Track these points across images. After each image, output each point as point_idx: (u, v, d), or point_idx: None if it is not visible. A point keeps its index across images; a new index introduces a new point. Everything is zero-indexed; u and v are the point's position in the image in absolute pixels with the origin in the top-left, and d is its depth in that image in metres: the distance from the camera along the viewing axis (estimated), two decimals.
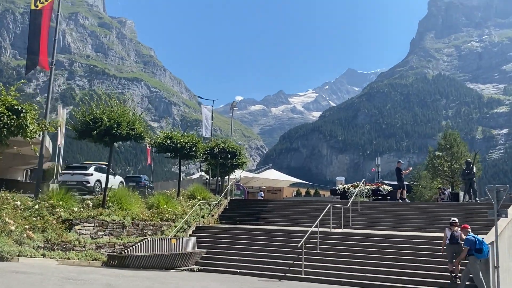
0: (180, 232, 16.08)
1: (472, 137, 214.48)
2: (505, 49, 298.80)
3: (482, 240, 10.79)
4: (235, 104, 38.94)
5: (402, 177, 19.46)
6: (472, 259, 10.71)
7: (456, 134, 32.23)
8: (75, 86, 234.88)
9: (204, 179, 30.21)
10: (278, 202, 21.33)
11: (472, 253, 10.65)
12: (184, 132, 20.62)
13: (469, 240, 10.84)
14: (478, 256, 10.60)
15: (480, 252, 10.57)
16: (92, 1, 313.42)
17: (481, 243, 10.67)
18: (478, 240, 10.75)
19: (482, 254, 10.59)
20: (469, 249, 10.72)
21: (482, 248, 10.59)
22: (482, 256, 10.63)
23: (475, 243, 10.70)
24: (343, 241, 14.49)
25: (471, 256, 10.69)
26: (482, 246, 10.60)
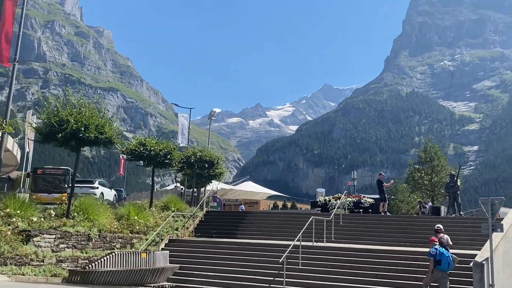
0: (151, 246, 14.94)
1: (444, 153, 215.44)
2: (476, 69, 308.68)
3: (443, 251, 10.57)
4: (214, 114, 37.99)
5: (384, 189, 18.85)
6: (434, 271, 10.54)
7: (437, 147, 32.11)
8: (49, 95, 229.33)
9: (179, 190, 29.04)
10: (257, 214, 20.37)
11: (434, 265, 10.51)
12: (158, 139, 19.50)
13: (430, 252, 10.67)
14: (438, 268, 10.41)
15: (439, 264, 10.39)
16: (69, 10, 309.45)
17: (441, 255, 10.45)
18: (439, 252, 10.53)
19: (441, 266, 10.38)
20: (433, 260, 10.54)
21: (441, 260, 10.40)
22: (441, 269, 10.42)
23: (436, 255, 10.51)
24: (326, 256, 13.65)
25: (434, 268, 10.53)
26: (441, 258, 10.40)
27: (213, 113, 38.23)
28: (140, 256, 12.39)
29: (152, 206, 18.77)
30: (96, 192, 21.37)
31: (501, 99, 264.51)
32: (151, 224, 16.06)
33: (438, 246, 10.76)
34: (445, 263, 10.44)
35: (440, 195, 29.60)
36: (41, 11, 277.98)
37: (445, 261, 10.45)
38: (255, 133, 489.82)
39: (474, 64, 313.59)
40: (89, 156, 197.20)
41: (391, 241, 15.32)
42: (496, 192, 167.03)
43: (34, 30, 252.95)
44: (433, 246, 10.84)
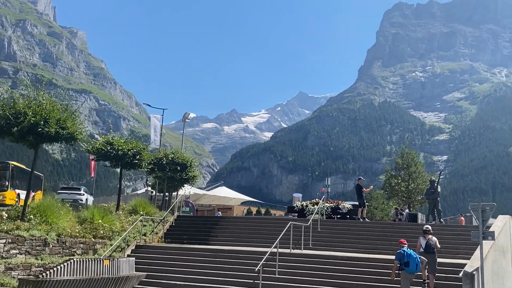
0: (116, 252, 13.78)
1: None
2: (446, 80, 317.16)
3: (410, 253, 10.31)
4: (188, 116, 36.90)
5: (363, 195, 18.22)
6: (401, 274, 10.30)
7: (414, 154, 31.94)
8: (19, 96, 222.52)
9: (150, 193, 27.80)
10: (232, 220, 19.40)
11: (402, 267, 10.26)
12: (127, 138, 18.32)
13: (398, 253, 10.45)
14: (406, 270, 10.17)
15: (408, 266, 10.15)
16: (42, 9, 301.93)
17: (408, 256, 10.21)
18: (407, 253, 10.29)
19: (409, 268, 10.13)
20: (399, 263, 10.30)
21: (408, 261, 10.15)
22: (410, 271, 10.18)
23: (403, 257, 10.26)
24: (305, 264, 12.84)
25: (401, 271, 10.29)
26: (409, 260, 10.16)
27: (187, 115, 37.17)
28: (102, 263, 11.25)
29: (119, 210, 17.57)
30: (82, 198, 23.95)
31: (469, 110, 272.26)
32: (117, 229, 14.89)
33: (406, 248, 10.51)
34: (413, 264, 10.17)
35: (416, 202, 29.39)
36: (12, 9, 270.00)
37: (413, 263, 10.17)
38: (230, 139, 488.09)
39: (445, 76, 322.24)
40: (59, 159, 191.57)
41: (371, 248, 14.69)
42: (464, 201, 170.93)
43: (4, 28, 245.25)
44: (401, 248, 10.57)
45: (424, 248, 11.07)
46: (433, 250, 10.92)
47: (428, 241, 11.03)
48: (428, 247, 10.96)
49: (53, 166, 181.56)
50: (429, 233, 11.30)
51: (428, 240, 11.05)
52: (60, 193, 25.11)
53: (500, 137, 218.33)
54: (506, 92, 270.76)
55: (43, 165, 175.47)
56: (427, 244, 11.01)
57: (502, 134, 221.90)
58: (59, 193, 25.47)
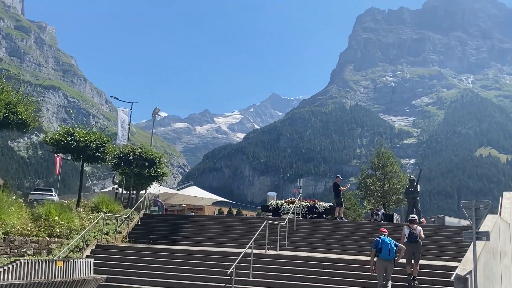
0: (74, 252, 12.49)
1: None
2: (415, 85, 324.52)
3: (384, 239, 10.24)
4: (158, 111, 35.51)
5: (340, 193, 17.48)
6: (376, 261, 10.23)
7: (389, 153, 31.64)
8: None
9: (115, 190, 26.36)
10: (202, 219, 18.26)
11: (377, 254, 10.19)
12: (90, 129, 16.93)
13: (374, 241, 10.48)
14: (380, 256, 10.11)
15: (380, 252, 10.13)
16: (10, 2, 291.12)
17: (382, 243, 10.17)
18: (381, 240, 10.26)
19: (382, 254, 10.09)
20: (375, 251, 10.23)
21: (381, 247, 10.11)
22: (382, 257, 10.09)
23: (378, 243, 10.25)
24: (281, 266, 11.91)
25: (377, 258, 10.20)
26: (382, 246, 10.12)
27: (157, 111, 35.75)
28: (54, 265, 9.97)
29: (79, 206, 16.18)
30: (54, 199, 24.29)
31: (437, 115, 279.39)
32: (75, 227, 13.57)
33: (384, 236, 10.38)
34: (386, 250, 10.04)
35: (392, 202, 29.07)
36: None
37: (386, 249, 10.05)
38: (202, 139, 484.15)
39: (414, 81, 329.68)
40: (25, 156, 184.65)
41: (349, 249, 13.93)
42: (431, 203, 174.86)
43: None
44: (380, 236, 10.46)
45: (407, 237, 10.73)
46: (415, 239, 10.62)
47: (411, 230, 10.73)
48: (411, 236, 10.65)
49: (19, 164, 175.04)
50: (414, 222, 11.00)
51: (412, 229, 10.75)
52: (34, 194, 27.02)
53: (466, 142, 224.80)
54: (472, 98, 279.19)
55: (7, 163, 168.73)
56: (410, 233, 10.71)
57: (467, 138, 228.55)
58: (32, 193, 27.48)
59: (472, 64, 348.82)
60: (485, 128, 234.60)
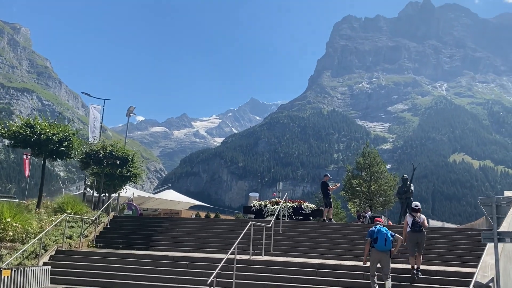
0: (29, 259, 10.82)
1: None
2: (390, 92, 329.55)
3: (380, 229, 9.53)
4: (133, 110, 33.76)
5: (329, 193, 16.26)
6: (371, 252, 9.50)
7: (376, 153, 30.65)
8: None
9: (84, 191, 24.52)
10: (178, 221, 16.67)
11: (372, 245, 9.49)
12: (54, 120, 15.20)
13: (369, 230, 9.75)
14: (375, 247, 9.42)
15: (376, 242, 9.44)
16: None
17: (378, 232, 9.47)
18: (377, 229, 9.54)
19: (377, 244, 9.38)
20: (370, 240, 9.51)
21: (377, 237, 9.42)
22: (378, 247, 9.37)
23: (373, 233, 9.53)
24: (268, 274, 10.53)
25: (372, 249, 9.48)
26: (377, 236, 9.43)
27: (132, 109, 34.00)
28: (0, 275, 8.35)
29: (40, 207, 14.44)
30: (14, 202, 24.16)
31: (412, 121, 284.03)
32: (33, 230, 11.88)
33: (380, 225, 9.67)
34: (381, 240, 9.32)
35: (378, 204, 28.07)
36: None
37: (381, 239, 9.33)
38: (179, 144, 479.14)
39: (390, 88, 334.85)
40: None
41: (341, 253, 12.67)
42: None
43: None
44: (375, 225, 9.77)
45: (410, 226, 9.92)
46: (419, 228, 9.85)
47: (415, 219, 9.95)
48: (415, 225, 9.87)
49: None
50: (418, 211, 10.18)
51: (415, 218, 9.97)
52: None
53: (440, 148, 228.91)
54: (446, 105, 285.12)
55: None
56: (414, 222, 9.92)
57: (441, 144, 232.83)
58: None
59: (446, 72, 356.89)
60: (459, 135, 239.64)
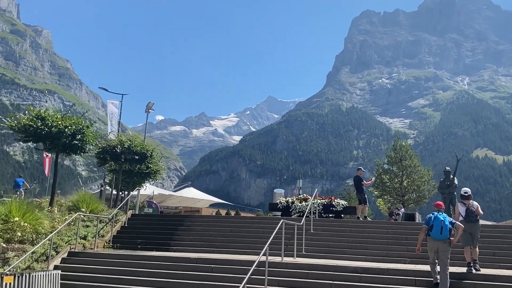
0: (39, 262, 9.83)
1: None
2: (411, 87, 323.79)
3: (437, 215, 8.53)
4: (152, 106, 33.02)
5: (363, 189, 14.91)
6: (427, 241, 8.65)
7: (408, 146, 28.95)
8: None
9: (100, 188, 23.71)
10: (200, 219, 15.53)
11: (428, 233, 8.62)
12: (66, 112, 14.24)
13: (426, 217, 8.90)
14: (431, 235, 8.51)
15: (431, 230, 8.54)
16: (5, 6, 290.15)
17: (434, 219, 8.52)
18: (434, 216, 8.60)
19: (432, 232, 8.49)
20: (426, 227, 8.62)
21: (433, 225, 8.50)
22: (434, 236, 8.46)
23: (430, 220, 8.62)
24: (304, 279, 9.27)
25: (428, 237, 8.63)
26: (433, 223, 8.50)
27: (151, 105, 33.30)
28: (1, 282, 7.35)
29: (53, 205, 13.49)
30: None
31: (433, 117, 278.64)
32: (44, 230, 10.90)
33: (438, 212, 8.68)
34: (437, 228, 8.36)
35: (411, 200, 26.45)
36: None
37: (437, 227, 8.37)
38: (198, 142, 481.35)
39: (410, 83, 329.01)
40: (21, 161, 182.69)
41: (382, 254, 11.37)
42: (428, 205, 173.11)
43: None
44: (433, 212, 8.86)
45: (464, 216, 9.03)
46: (475, 218, 9.00)
47: (468, 207, 9.05)
48: (469, 215, 8.99)
49: (14, 168, 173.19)
50: (469, 198, 9.28)
51: (469, 206, 9.07)
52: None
53: (462, 143, 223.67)
54: (468, 100, 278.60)
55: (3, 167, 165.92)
56: (468, 211, 9.03)
57: (464, 140, 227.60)
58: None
59: (468, 65, 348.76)
60: (481, 130, 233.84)
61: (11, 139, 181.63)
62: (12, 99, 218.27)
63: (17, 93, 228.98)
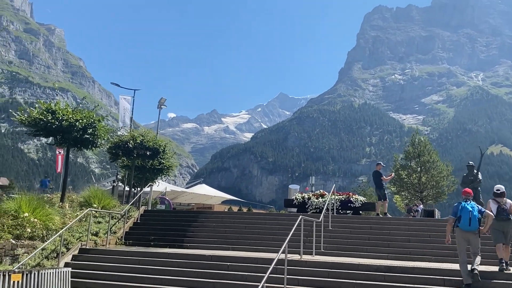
0: (49, 259, 9.52)
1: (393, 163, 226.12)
2: (424, 83, 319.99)
3: (465, 205, 8.12)
4: (164, 101, 32.81)
5: (383, 184, 14.36)
6: (455, 233, 8.27)
7: (426, 140, 28.15)
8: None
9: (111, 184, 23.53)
10: (215, 215, 15.11)
11: (456, 224, 8.24)
12: (77, 106, 13.93)
13: (453, 207, 8.46)
14: (459, 227, 8.12)
15: (459, 221, 8.14)
16: (19, 5, 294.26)
17: (462, 210, 8.10)
18: (461, 206, 8.17)
19: (461, 223, 8.08)
20: (454, 219, 8.26)
21: (460, 216, 8.09)
22: (462, 227, 8.06)
23: (457, 210, 8.23)
24: (323, 278, 8.79)
25: (456, 228, 8.25)
26: (461, 214, 8.09)
27: (163, 101, 33.10)
28: (9, 280, 7.02)
29: (64, 201, 13.21)
30: None
31: (447, 113, 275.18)
32: (55, 226, 10.58)
33: (466, 201, 8.26)
34: (465, 219, 7.97)
35: (429, 196, 25.72)
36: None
37: (465, 217, 7.98)
38: (210, 140, 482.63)
39: (423, 79, 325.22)
40: (35, 158, 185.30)
41: (404, 252, 10.85)
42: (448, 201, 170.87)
43: None
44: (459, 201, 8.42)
45: (496, 214, 8.52)
46: (507, 216, 8.50)
47: (500, 205, 8.60)
48: (501, 213, 8.52)
49: (29, 166, 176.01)
50: (502, 195, 8.74)
51: (501, 204, 8.61)
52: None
53: (477, 140, 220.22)
54: (482, 96, 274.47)
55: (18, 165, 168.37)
56: (500, 209, 8.58)
57: (478, 136, 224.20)
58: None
59: (482, 61, 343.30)
60: (496, 126, 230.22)
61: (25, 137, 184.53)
62: (26, 97, 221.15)
63: (31, 91, 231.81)
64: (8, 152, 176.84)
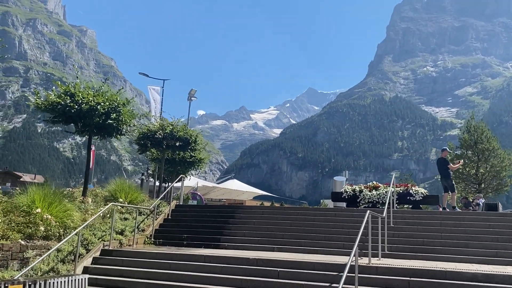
0: (65, 263, 8.02)
1: (426, 158, 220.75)
2: (457, 75, 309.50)
3: None
4: (194, 93, 31.61)
5: (450, 173, 12.28)
6: None
7: (484, 126, 25.39)
8: (29, 94, 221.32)
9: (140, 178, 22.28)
10: (255, 210, 13.37)
11: None
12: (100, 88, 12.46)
13: None
14: None
15: None
16: (52, 8, 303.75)
17: None
18: None
19: None
20: None
21: None
22: None
23: None
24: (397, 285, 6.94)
25: None
26: None
27: (193, 93, 31.97)
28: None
29: (86, 195, 11.77)
30: None
31: (482, 105, 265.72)
32: (74, 224, 9.08)
33: None
34: None
35: (489, 189, 23.19)
36: (23, 8, 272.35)
37: None
38: (239, 136, 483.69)
39: (456, 70, 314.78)
40: (70, 157, 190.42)
41: (489, 254, 8.83)
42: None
43: (15, 28, 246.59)
44: None
45: None
46: None
47: None
48: None
49: (64, 164, 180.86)
50: None
51: None
52: None
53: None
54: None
55: (54, 163, 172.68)
56: None
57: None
58: None
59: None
60: None
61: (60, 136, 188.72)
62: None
63: None
64: (44, 151, 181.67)
